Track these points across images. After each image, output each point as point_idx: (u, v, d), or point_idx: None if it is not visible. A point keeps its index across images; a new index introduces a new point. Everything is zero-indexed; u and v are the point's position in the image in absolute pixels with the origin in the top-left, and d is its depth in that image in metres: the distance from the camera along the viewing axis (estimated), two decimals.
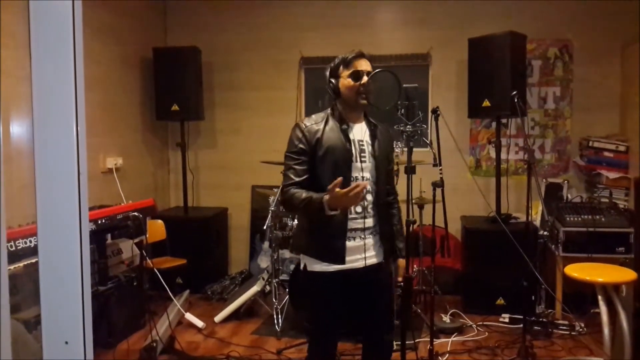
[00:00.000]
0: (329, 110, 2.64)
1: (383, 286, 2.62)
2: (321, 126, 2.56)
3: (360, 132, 2.59)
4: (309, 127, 2.56)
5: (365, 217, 2.54)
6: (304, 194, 2.43)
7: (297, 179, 2.49)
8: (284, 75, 5.82)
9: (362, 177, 2.53)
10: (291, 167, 2.53)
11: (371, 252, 2.56)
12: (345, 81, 2.57)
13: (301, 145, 2.52)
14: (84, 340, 1.16)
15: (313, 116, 2.64)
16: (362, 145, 2.56)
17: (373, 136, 2.59)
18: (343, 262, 2.51)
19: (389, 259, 2.70)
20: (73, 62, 1.11)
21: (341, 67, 2.59)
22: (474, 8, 5.39)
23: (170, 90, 5.39)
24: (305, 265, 2.62)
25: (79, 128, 1.13)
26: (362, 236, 2.55)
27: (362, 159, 2.54)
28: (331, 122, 2.57)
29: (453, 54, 5.40)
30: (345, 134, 2.55)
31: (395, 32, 5.62)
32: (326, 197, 2.30)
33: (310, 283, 2.62)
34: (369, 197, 2.55)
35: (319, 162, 2.51)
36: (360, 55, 2.58)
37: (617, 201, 4.80)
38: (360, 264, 2.54)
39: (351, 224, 2.52)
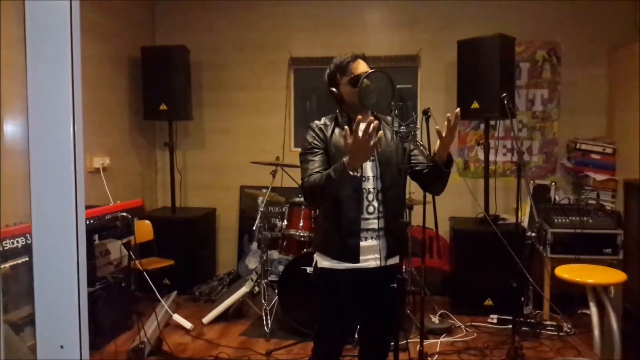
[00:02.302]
0: (337, 111, 2.62)
1: (392, 289, 2.48)
2: (331, 127, 2.55)
3: None
4: (320, 125, 2.57)
5: (378, 218, 2.50)
6: (323, 173, 2.36)
7: (318, 169, 2.43)
8: (273, 76, 5.80)
9: (373, 176, 2.50)
10: (309, 160, 2.49)
11: (385, 254, 2.52)
12: (345, 88, 2.55)
13: (316, 142, 2.52)
14: (79, 344, 1.14)
15: (323, 118, 2.62)
16: None
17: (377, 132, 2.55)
18: (357, 260, 2.49)
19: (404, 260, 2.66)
20: (70, 60, 1.09)
21: (338, 75, 2.57)
22: (463, 10, 5.41)
23: (158, 90, 5.35)
24: (316, 262, 2.61)
25: (75, 127, 1.11)
26: (374, 236, 2.51)
27: (371, 158, 2.50)
28: (340, 123, 2.56)
29: (442, 56, 5.41)
30: None
31: (384, 34, 5.62)
32: (345, 158, 2.23)
33: (319, 280, 2.60)
34: (379, 196, 2.51)
35: (331, 163, 2.46)
36: (355, 58, 2.55)
37: (604, 203, 4.85)
38: (373, 264, 2.51)
39: (365, 224, 2.49)
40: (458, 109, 2.35)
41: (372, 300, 2.61)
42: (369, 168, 2.51)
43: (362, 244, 2.50)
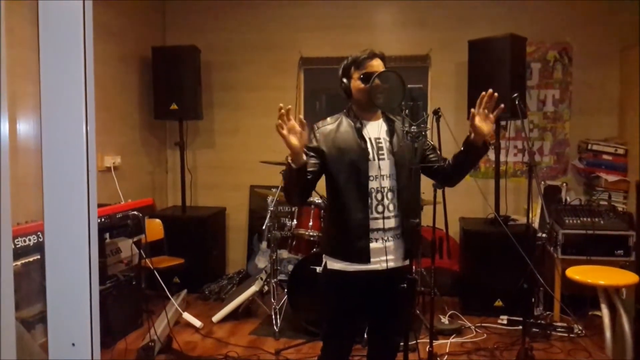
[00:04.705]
0: (344, 111, 2.62)
1: (402, 290, 2.46)
2: (334, 127, 2.54)
3: (376, 129, 2.55)
4: (321, 128, 2.56)
5: (385, 218, 2.48)
6: None
7: None
8: (283, 76, 5.80)
9: (382, 175, 2.48)
10: None
11: (392, 256, 2.50)
12: (355, 83, 2.55)
13: (311, 145, 2.52)
14: (91, 342, 1.14)
15: (328, 118, 2.62)
16: (380, 142, 2.52)
17: (391, 132, 2.54)
18: (368, 261, 2.47)
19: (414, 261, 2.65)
20: (83, 60, 1.09)
21: (352, 68, 2.57)
22: (474, 10, 5.39)
23: (168, 90, 5.38)
24: (325, 264, 2.59)
25: (88, 127, 1.12)
26: (384, 237, 2.49)
27: (381, 157, 2.49)
28: (345, 122, 2.55)
29: (453, 56, 5.39)
30: (360, 132, 2.51)
31: (395, 34, 5.61)
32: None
33: (329, 281, 2.59)
34: (390, 195, 2.49)
35: (334, 163, 2.48)
36: (373, 56, 2.54)
37: (616, 204, 4.81)
38: (380, 266, 2.49)
39: (374, 224, 2.47)
40: (492, 92, 2.37)
41: (381, 301, 2.61)
42: (387, 166, 2.50)
43: (373, 245, 2.48)
